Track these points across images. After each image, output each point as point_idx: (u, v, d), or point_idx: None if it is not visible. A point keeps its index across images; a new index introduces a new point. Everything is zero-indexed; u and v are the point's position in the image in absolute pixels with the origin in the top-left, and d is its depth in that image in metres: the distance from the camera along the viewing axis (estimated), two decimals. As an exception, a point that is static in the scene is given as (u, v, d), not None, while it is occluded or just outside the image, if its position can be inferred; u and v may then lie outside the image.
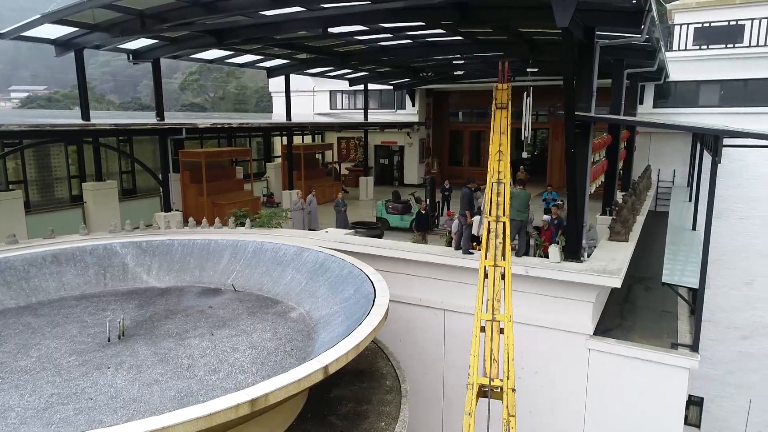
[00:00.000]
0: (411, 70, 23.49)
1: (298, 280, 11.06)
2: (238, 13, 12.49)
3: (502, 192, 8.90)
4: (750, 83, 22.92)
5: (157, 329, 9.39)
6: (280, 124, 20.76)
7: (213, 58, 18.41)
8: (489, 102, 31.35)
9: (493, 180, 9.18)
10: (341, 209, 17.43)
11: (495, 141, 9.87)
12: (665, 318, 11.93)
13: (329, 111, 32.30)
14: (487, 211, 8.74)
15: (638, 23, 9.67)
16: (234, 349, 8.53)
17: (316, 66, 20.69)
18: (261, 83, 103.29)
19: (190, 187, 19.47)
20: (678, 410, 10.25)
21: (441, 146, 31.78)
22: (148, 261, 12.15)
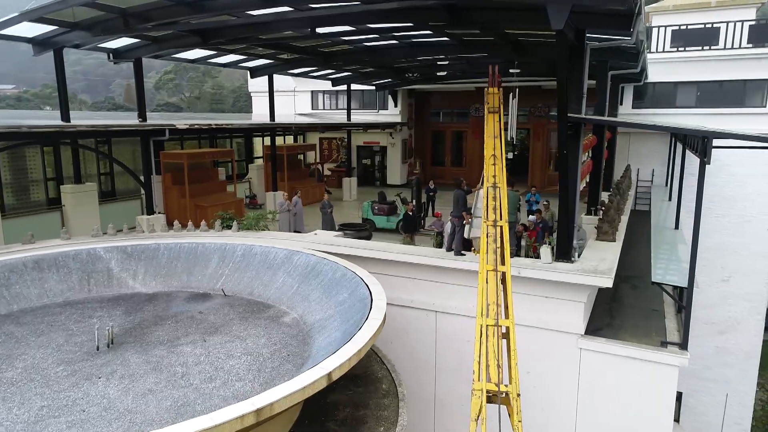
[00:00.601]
0: (394, 70, 23.46)
1: (289, 284, 10.91)
2: (224, 13, 12.30)
3: (498, 196, 8.90)
4: (725, 84, 23.50)
5: (147, 336, 9.16)
6: (265, 125, 20.49)
7: (195, 58, 18.10)
8: (471, 102, 31.73)
9: (489, 184, 9.18)
10: (327, 211, 17.29)
11: (489, 145, 9.88)
12: (653, 316, 12.11)
13: (311, 111, 32.07)
14: (483, 215, 8.72)
15: (628, 26, 9.78)
16: (229, 356, 8.36)
17: (299, 66, 20.50)
18: (238, 83, 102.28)
19: (171, 189, 19.11)
20: (668, 407, 10.41)
21: (423, 146, 31.84)
22: (133, 266, 11.86)
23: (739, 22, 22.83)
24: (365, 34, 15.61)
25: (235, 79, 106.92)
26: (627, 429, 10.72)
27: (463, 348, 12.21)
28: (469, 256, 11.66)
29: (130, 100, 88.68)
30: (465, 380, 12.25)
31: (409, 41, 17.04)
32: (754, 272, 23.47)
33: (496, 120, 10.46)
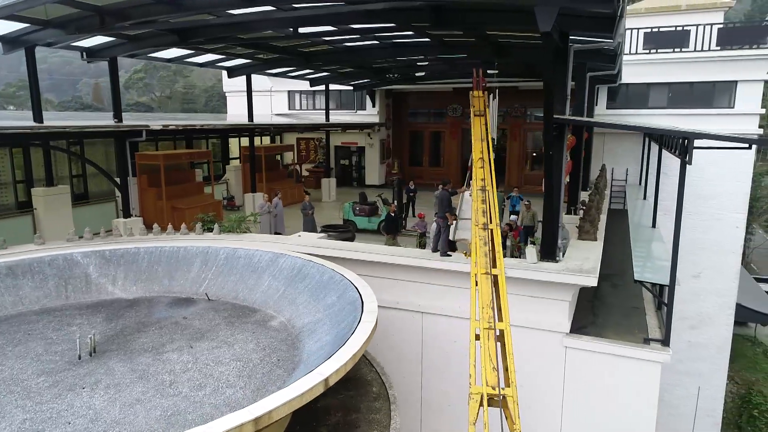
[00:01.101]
0: (373, 70, 23.41)
1: (275, 288, 10.76)
2: (205, 12, 12.07)
3: (487, 199, 8.92)
4: (695, 86, 24.11)
5: (130, 344, 8.91)
6: (245, 125, 20.19)
7: (171, 57, 17.71)
8: (448, 103, 31.87)
9: (478, 187, 9.19)
10: (308, 212, 17.16)
11: (476, 148, 9.91)
12: (634, 314, 12.33)
13: (288, 111, 31.78)
14: (474, 218, 8.72)
15: (611, 28, 9.93)
16: (217, 362, 8.19)
17: (278, 66, 20.27)
18: (210, 82, 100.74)
19: (147, 192, 18.71)
20: (652, 403, 10.61)
21: (401, 147, 31.85)
22: (112, 271, 11.54)
23: (708, 26, 23.45)
24: (346, 35, 15.52)
25: (207, 78, 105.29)
26: (612, 424, 10.89)
27: (449, 349, 12.25)
28: (455, 257, 11.68)
29: (99, 100, 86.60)
30: (451, 381, 12.32)
31: (390, 42, 17.01)
32: (725, 268, 24.16)
33: (482, 123, 10.50)
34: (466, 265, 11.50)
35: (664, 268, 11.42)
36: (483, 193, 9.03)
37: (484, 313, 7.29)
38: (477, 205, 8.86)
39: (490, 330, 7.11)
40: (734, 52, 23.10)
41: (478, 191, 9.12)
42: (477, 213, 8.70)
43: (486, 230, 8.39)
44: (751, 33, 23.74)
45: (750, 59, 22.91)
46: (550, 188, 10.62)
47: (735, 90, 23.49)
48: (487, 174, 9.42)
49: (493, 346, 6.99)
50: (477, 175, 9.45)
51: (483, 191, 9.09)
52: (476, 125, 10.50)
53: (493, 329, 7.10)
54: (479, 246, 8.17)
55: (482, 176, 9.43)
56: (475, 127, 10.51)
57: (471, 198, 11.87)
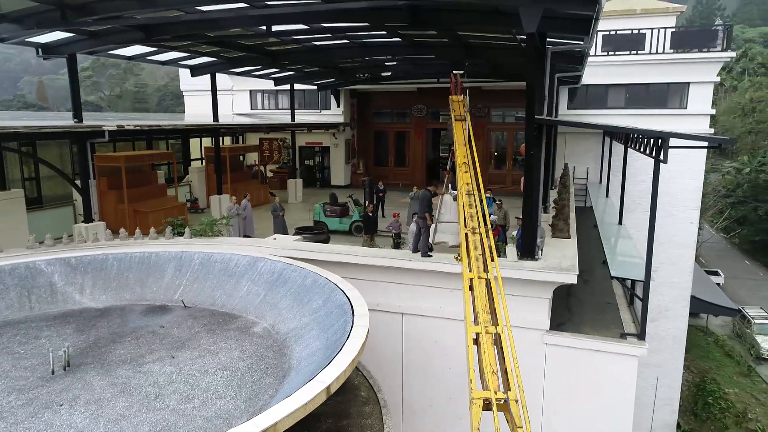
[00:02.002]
0: (339, 70, 23.22)
1: (255, 292, 10.47)
2: (174, 8, 11.64)
3: (474, 203, 8.90)
4: (651, 87, 25.03)
5: (106, 356, 8.47)
6: (212, 125, 19.60)
7: (132, 55, 17.06)
8: (413, 103, 31.95)
9: (464, 192, 9.17)
10: (279, 214, 16.84)
11: (460, 153, 9.90)
12: (608, 309, 12.64)
13: (250, 111, 31.17)
14: (462, 223, 8.68)
15: (587, 30, 10.14)
16: (203, 372, 7.88)
17: (244, 65, 19.83)
18: (162, 81, 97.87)
19: (107, 195, 17.93)
20: (629, 396, 10.89)
21: (366, 147, 31.75)
22: (79, 279, 10.96)
23: (663, 29, 24.37)
24: (317, 34, 15.31)
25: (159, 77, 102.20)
26: (591, 417, 11.13)
27: (431, 349, 12.25)
28: (436, 257, 11.68)
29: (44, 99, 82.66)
30: (434, 381, 12.32)
31: (360, 41, 16.89)
32: (680, 262, 25.16)
33: (464, 127, 10.51)
34: (447, 266, 11.55)
35: (637, 264, 11.76)
36: (470, 198, 9.02)
37: (481, 317, 7.25)
38: (465, 209, 8.83)
39: (488, 334, 7.08)
40: (686, 55, 24.09)
41: (465, 196, 9.10)
42: (466, 217, 8.66)
43: (475, 234, 8.37)
44: (701, 37, 24.82)
45: (701, 62, 23.96)
46: (530, 188, 10.75)
47: (687, 91, 24.51)
48: (473, 178, 9.43)
49: (492, 351, 6.97)
50: (463, 180, 9.44)
51: (470, 196, 9.08)
52: (458, 130, 10.51)
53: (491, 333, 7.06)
54: (471, 250, 8.14)
55: (468, 181, 9.43)
56: (457, 131, 10.52)
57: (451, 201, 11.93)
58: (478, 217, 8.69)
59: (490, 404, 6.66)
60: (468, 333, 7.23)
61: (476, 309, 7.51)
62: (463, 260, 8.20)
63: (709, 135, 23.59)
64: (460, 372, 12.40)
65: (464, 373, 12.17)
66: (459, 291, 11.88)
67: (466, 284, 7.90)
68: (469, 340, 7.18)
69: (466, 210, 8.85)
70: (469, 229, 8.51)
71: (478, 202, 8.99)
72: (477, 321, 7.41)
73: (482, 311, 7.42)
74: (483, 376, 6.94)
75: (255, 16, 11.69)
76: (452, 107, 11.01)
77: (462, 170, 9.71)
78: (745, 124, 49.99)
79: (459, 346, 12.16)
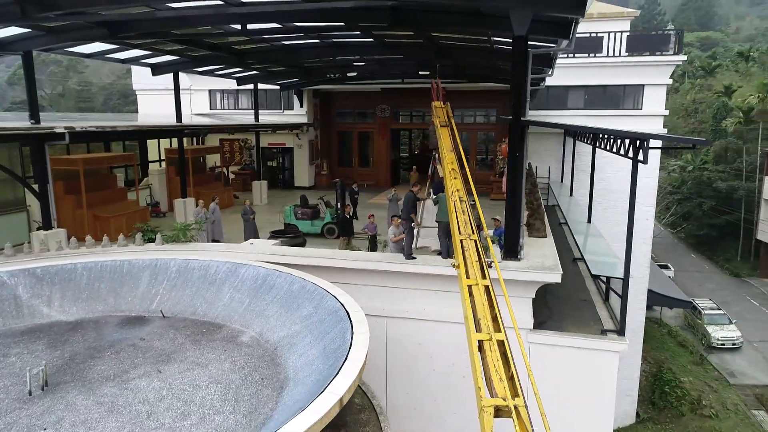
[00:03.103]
0: (305, 70, 22.84)
1: (239, 300, 10.12)
2: (143, 4, 11.12)
3: (466, 210, 8.84)
4: (608, 89, 25.87)
5: (86, 373, 7.98)
6: (178, 127, 18.87)
7: (90, 53, 16.18)
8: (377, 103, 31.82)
9: (454, 198, 9.11)
10: (249, 217, 16.44)
11: (447, 159, 9.84)
12: (585, 306, 12.94)
13: (209, 111, 30.28)
14: (455, 229, 8.57)
15: (567, 33, 10.31)
16: (195, 387, 7.53)
17: (208, 64, 19.22)
18: (108, 79, 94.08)
19: (64, 200, 16.94)
20: (611, 390, 11.18)
21: (330, 147, 31.43)
22: (46, 291, 10.30)
23: (619, 33, 25.22)
24: (288, 33, 14.96)
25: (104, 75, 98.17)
26: (574, 414, 11.34)
27: (415, 352, 12.20)
28: (420, 259, 11.64)
29: (-21, 98, 77.87)
30: (417, 383, 12.28)
31: (331, 41, 16.65)
32: (638, 257, 26.00)
33: (449, 134, 10.46)
34: (432, 267, 11.53)
35: (615, 263, 12.10)
36: (462, 204, 8.96)
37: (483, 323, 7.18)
38: (458, 215, 8.75)
39: (491, 341, 7.01)
40: (641, 59, 25.03)
41: (455, 201, 9.03)
42: (460, 224, 8.58)
43: (470, 240, 8.31)
44: (655, 41, 25.83)
45: (655, 65, 24.95)
46: (515, 188, 10.85)
47: (642, 93, 25.46)
48: (462, 185, 9.37)
49: (498, 357, 6.91)
50: (453, 186, 9.38)
51: (461, 202, 9.02)
52: (444, 136, 10.44)
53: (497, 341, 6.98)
54: (468, 257, 8.07)
55: (458, 187, 9.38)
56: (444, 138, 10.45)
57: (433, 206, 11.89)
58: (471, 223, 8.64)
59: (500, 411, 6.61)
60: (472, 340, 7.14)
61: (477, 316, 7.45)
62: (460, 267, 8.13)
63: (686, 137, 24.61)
64: (443, 373, 12.46)
65: (448, 374, 12.26)
66: (442, 293, 11.98)
67: (465, 291, 7.80)
68: (474, 348, 7.09)
69: (459, 216, 8.77)
70: (464, 235, 8.44)
71: (469, 208, 8.95)
72: (479, 328, 7.34)
73: (484, 318, 7.37)
74: (490, 383, 6.89)
75: (233, 14, 11.30)
76: (436, 113, 10.95)
77: (451, 177, 9.66)
78: (687, 124, 52.52)
79: (443, 348, 12.22)
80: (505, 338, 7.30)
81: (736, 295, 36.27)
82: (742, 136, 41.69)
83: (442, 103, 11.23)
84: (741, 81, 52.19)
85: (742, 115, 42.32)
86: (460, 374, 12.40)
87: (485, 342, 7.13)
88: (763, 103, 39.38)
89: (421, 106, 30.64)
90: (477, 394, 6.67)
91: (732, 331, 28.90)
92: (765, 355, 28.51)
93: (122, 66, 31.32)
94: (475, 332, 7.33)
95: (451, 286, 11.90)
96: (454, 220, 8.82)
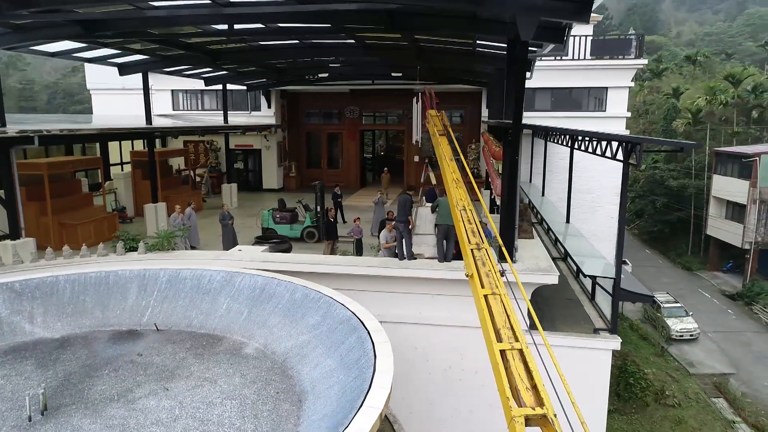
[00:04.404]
0: (277, 70, 22.43)
1: (237, 310, 9.79)
2: (125, 2, 10.62)
3: (473, 219, 8.84)
4: (573, 90, 26.61)
5: (87, 393, 7.51)
6: (147, 129, 18.12)
7: (55, 51, 15.34)
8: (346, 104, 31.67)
9: (459, 208, 9.09)
10: (228, 222, 15.98)
11: (448, 168, 9.81)
12: (572, 305, 13.22)
13: (172, 112, 29.31)
14: (464, 239, 8.54)
15: (561, 38, 10.50)
16: (208, 404, 7.22)
17: (180, 63, 18.56)
18: (51, 77, 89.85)
19: (28, 207, 15.92)
20: (604, 385, 11.47)
21: (298, 149, 31.00)
22: (27, 306, 9.67)
23: (584, 37, 25.96)
24: (270, 34, 14.62)
25: (45, 72, 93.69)
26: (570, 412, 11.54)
27: (411, 356, 12.15)
28: (418, 263, 11.60)
29: None
30: (413, 388, 12.23)
31: (310, 42, 16.41)
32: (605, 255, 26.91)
33: (446, 143, 10.42)
34: (430, 271, 11.51)
35: (606, 263, 12.45)
36: (467, 213, 8.95)
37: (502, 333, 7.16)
38: (465, 225, 8.73)
39: (513, 350, 7.00)
40: (605, 62, 25.87)
41: (460, 211, 9.02)
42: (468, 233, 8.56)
43: (480, 249, 8.30)
44: (618, 45, 26.74)
45: (617, 68, 25.84)
46: (511, 191, 10.95)
47: (606, 95, 26.33)
48: (464, 193, 9.36)
49: (521, 366, 6.90)
50: (457, 196, 9.35)
51: (465, 211, 9.01)
52: (444, 145, 10.39)
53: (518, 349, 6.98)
54: (479, 266, 8.05)
55: (462, 196, 9.37)
56: (443, 147, 10.40)
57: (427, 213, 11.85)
58: (480, 232, 8.63)
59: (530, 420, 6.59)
60: (495, 350, 7.09)
61: (497, 325, 7.42)
62: (474, 277, 8.08)
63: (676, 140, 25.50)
64: (440, 377, 12.47)
65: (444, 378, 12.27)
66: (438, 296, 11.99)
67: (482, 301, 7.76)
68: (497, 358, 7.04)
69: (466, 226, 8.74)
70: (473, 245, 8.41)
71: (475, 216, 8.95)
72: (500, 337, 7.31)
73: (503, 327, 7.36)
74: (516, 392, 6.87)
75: (224, 15, 10.93)
76: (433, 122, 10.88)
77: (453, 186, 9.63)
78: (639, 124, 54.64)
79: (438, 351, 12.23)
80: (525, 347, 7.33)
81: (689, 288, 37.99)
82: (691, 137, 43.72)
83: (437, 111, 11.17)
84: (687, 84, 54.78)
85: (691, 116, 44.41)
86: (456, 377, 12.45)
87: (507, 351, 7.13)
88: (711, 105, 41.45)
89: (390, 107, 30.68)
90: (505, 405, 6.64)
91: (689, 323, 30.22)
92: (720, 345, 29.97)
93: (68, 63, 29.79)
94: (497, 342, 7.33)
95: (447, 289, 11.95)
96: (461, 229, 8.78)
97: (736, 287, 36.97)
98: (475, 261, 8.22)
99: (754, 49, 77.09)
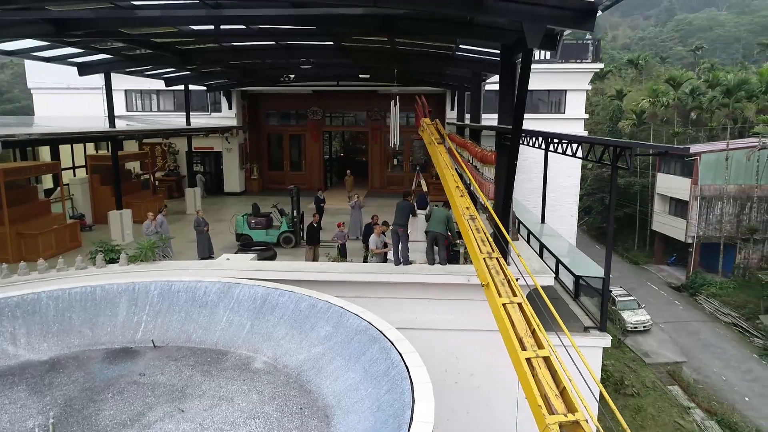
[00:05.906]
0: (243, 71, 21.82)
1: (239, 323, 9.44)
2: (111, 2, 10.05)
3: (481, 228, 8.86)
4: (535, 93, 27.31)
5: (95, 420, 7.04)
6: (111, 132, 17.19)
7: (14, 50, 14.31)
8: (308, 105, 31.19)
9: (466, 217, 9.10)
10: (203, 229, 15.42)
11: (448, 177, 9.81)
12: (558, 305, 13.52)
13: (125, 113, 27.96)
14: (475, 249, 8.55)
15: (553, 45, 10.72)
16: (232, 425, 6.92)
17: (145, 63, 17.76)
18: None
19: (-20, 217, 14.87)
20: (595, 384, 11.78)
21: (260, 150, 30.29)
22: (8, 326, 8.96)
23: (544, 41, 26.69)
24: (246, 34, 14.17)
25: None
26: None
27: (407, 362, 12.08)
28: (414, 268, 11.56)
29: None
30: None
31: (286, 43, 16.05)
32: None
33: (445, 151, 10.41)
34: (426, 276, 11.51)
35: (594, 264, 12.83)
36: (474, 222, 8.98)
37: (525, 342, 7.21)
38: (473, 234, 8.75)
39: (538, 358, 7.05)
40: (564, 66, 26.70)
41: (468, 220, 9.03)
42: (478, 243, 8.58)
43: (492, 258, 8.33)
44: (576, 50, 27.64)
45: (576, 72, 26.75)
46: (506, 195, 11.09)
47: (565, 98, 27.20)
48: (469, 203, 9.38)
49: (548, 374, 6.96)
50: (462, 205, 9.36)
51: (473, 220, 9.04)
52: (443, 153, 10.36)
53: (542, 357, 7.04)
54: (494, 275, 8.09)
55: (468, 205, 9.38)
56: (439, 155, 10.37)
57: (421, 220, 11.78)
58: (490, 241, 8.66)
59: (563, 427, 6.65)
60: (521, 359, 7.10)
61: (519, 334, 7.44)
62: (490, 287, 8.09)
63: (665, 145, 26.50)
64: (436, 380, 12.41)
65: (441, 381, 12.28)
66: (434, 300, 12.02)
67: (501, 311, 7.76)
68: (525, 367, 7.05)
69: (474, 235, 8.75)
70: (485, 254, 8.43)
71: (484, 226, 8.98)
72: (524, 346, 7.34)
73: (525, 335, 7.40)
74: (546, 399, 6.92)
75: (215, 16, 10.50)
76: (429, 130, 10.83)
77: (457, 195, 9.64)
78: (586, 125, 56.75)
79: (435, 355, 12.22)
80: (551, 353, 7.42)
81: (638, 282, 39.87)
82: (636, 136, 45.85)
83: (430, 119, 11.14)
84: (628, 86, 57.40)
85: (635, 117, 46.58)
86: (452, 380, 12.51)
87: (533, 359, 7.17)
88: (654, 107, 43.61)
89: (354, 108, 30.48)
90: (537, 413, 6.67)
91: (642, 315, 31.72)
92: (670, 335, 31.61)
93: None
94: (521, 350, 7.35)
95: (443, 294, 11.99)
96: (471, 239, 8.77)
97: (680, 279, 39.10)
98: (489, 270, 8.23)
99: (684, 54, 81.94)
